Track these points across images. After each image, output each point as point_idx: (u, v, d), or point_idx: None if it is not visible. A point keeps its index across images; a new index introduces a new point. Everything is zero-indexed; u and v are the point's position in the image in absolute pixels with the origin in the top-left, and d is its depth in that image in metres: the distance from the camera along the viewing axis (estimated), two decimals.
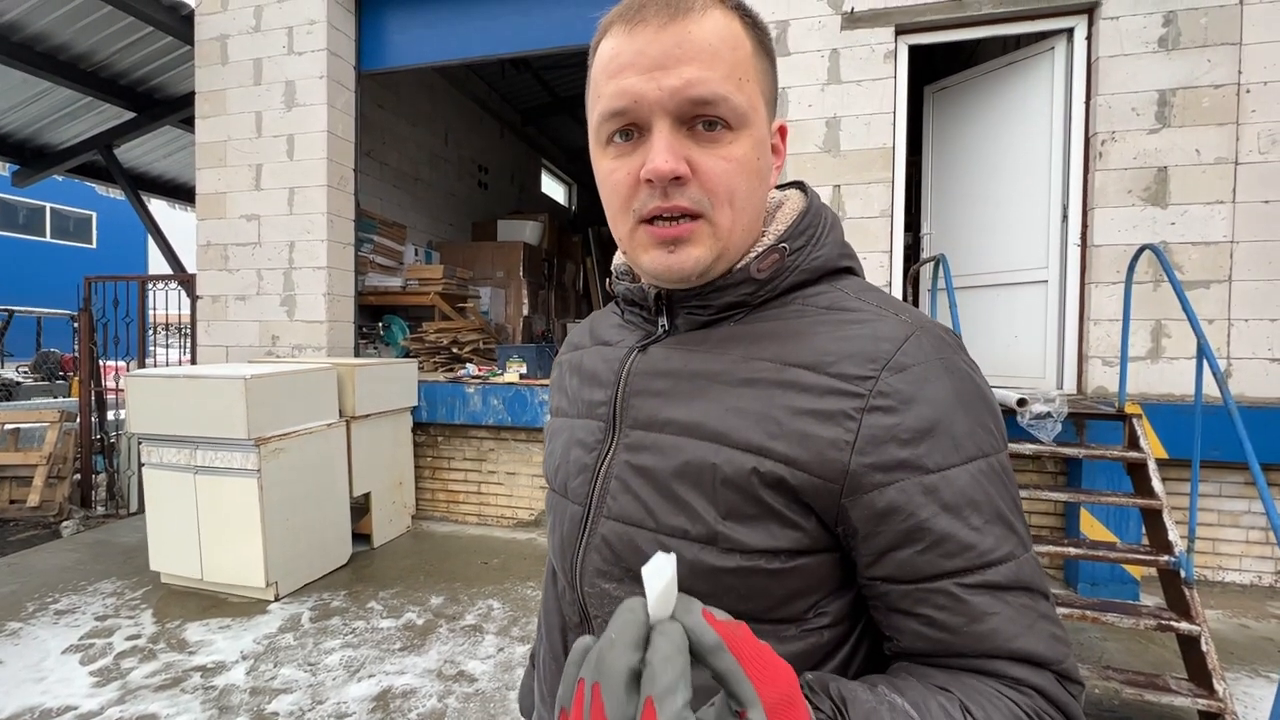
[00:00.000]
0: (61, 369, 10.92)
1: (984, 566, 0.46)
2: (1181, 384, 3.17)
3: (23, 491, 4.55)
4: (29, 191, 12.18)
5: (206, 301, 4.64)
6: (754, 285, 0.56)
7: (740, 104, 0.50)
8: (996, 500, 0.48)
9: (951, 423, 0.48)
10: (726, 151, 0.51)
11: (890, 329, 0.51)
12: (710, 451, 0.51)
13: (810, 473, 0.48)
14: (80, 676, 2.44)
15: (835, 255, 0.58)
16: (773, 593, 0.50)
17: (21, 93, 5.54)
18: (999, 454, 0.50)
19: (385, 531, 3.95)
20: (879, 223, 3.57)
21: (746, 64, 0.51)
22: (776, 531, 0.49)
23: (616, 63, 0.51)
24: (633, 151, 0.52)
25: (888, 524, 0.47)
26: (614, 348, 0.63)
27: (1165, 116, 3.19)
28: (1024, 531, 0.49)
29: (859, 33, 3.56)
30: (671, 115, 0.50)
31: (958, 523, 0.46)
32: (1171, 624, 2.17)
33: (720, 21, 0.50)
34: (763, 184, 0.55)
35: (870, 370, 0.49)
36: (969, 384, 0.50)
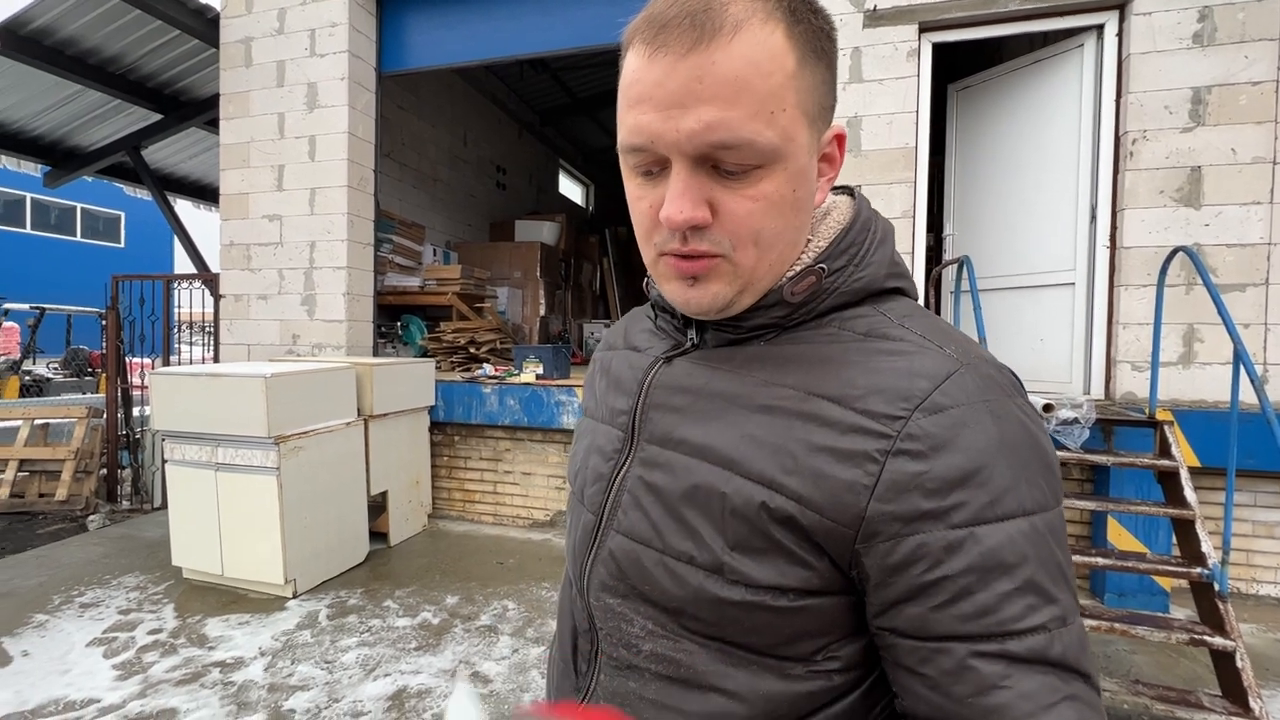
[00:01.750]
0: (90, 366, 11.17)
1: (1004, 636, 0.41)
2: (1214, 390, 3.08)
3: (51, 485, 4.65)
4: (60, 192, 12.47)
5: (229, 300, 4.71)
6: (787, 309, 0.52)
7: (769, 142, 0.44)
8: (1033, 565, 0.42)
9: (989, 475, 0.42)
10: (754, 190, 0.46)
11: (931, 364, 0.46)
12: (721, 478, 0.49)
13: (822, 514, 0.45)
14: (103, 670, 2.48)
15: (881, 276, 0.53)
16: (779, 630, 0.47)
17: (53, 95, 5.67)
18: (1046, 513, 0.44)
19: (402, 530, 3.97)
20: (901, 224, 3.51)
21: (785, 89, 0.45)
22: (785, 568, 0.46)
23: (634, 91, 0.46)
24: (655, 185, 0.48)
25: (902, 576, 0.43)
26: (642, 355, 0.61)
27: (1199, 115, 3.09)
28: (1067, 601, 0.43)
29: (881, 30, 3.51)
30: (690, 157, 0.45)
31: (980, 585, 0.42)
32: (1204, 638, 2.11)
33: (754, 41, 0.43)
34: (798, 214, 0.50)
35: (901, 409, 0.44)
36: (1018, 432, 0.45)
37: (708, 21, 0.43)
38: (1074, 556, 2.36)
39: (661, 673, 0.52)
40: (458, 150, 7.00)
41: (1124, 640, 2.70)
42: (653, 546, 0.52)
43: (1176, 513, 2.38)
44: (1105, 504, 2.55)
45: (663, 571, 0.51)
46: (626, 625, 0.54)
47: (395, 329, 5.25)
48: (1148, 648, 2.68)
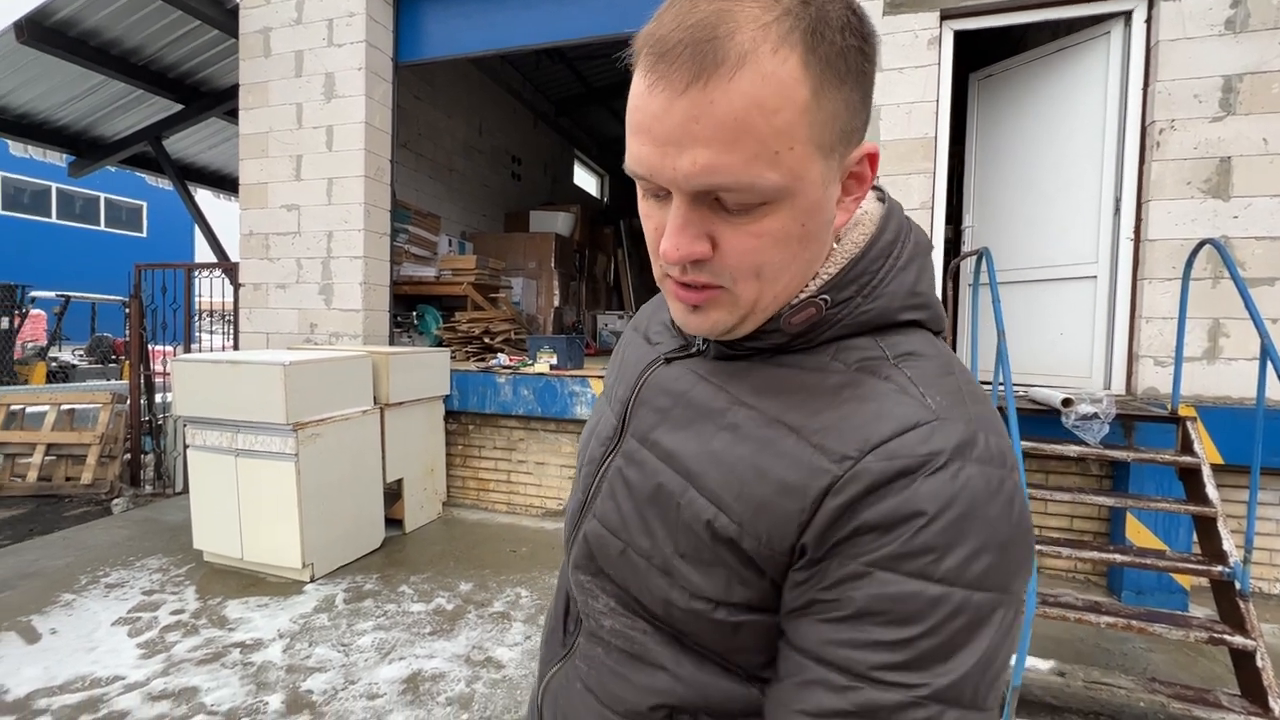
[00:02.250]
0: (114, 353, 11.38)
1: (858, 678, 0.40)
2: (1240, 386, 3.02)
3: (77, 469, 4.76)
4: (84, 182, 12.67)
5: (248, 289, 4.77)
6: (785, 337, 0.50)
7: (771, 184, 0.41)
8: (925, 636, 0.39)
9: (920, 530, 0.40)
10: (758, 226, 0.44)
11: (903, 412, 0.43)
12: (679, 487, 0.50)
13: (759, 542, 0.45)
14: (128, 648, 2.55)
15: (895, 309, 0.50)
16: (723, 638, 0.49)
17: (77, 86, 5.76)
18: (976, 592, 0.40)
19: (417, 517, 4.02)
20: (919, 215, 3.46)
21: (793, 126, 0.41)
22: (727, 583, 0.47)
23: (634, 118, 0.44)
24: (662, 207, 0.46)
25: (801, 589, 0.44)
26: (651, 349, 0.62)
27: (1230, 104, 3.01)
28: (946, 688, 0.39)
29: (901, 18, 3.45)
30: (688, 193, 0.43)
31: (857, 622, 0.41)
32: (1224, 637, 2.07)
33: (759, 76, 0.39)
34: (807, 247, 0.47)
35: (855, 451, 0.43)
36: (974, 501, 0.40)
37: (710, 53, 0.39)
38: (1091, 553, 2.33)
39: (619, 646, 0.55)
40: (473, 140, 7.01)
41: (1141, 638, 2.67)
42: (619, 536, 0.54)
43: (1198, 510, 2.34)
44: (1124, 500, 2.52)
45: (624, 560, 0.54)
46: (593, 600, 0.58)
47: (411, 319, 5.29)
48: (1165, 646, 2.65)
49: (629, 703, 0.54)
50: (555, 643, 0.65)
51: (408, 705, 2.22)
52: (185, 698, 2.23)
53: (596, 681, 0.57)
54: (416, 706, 2.21)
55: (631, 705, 0.54)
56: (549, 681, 0.64)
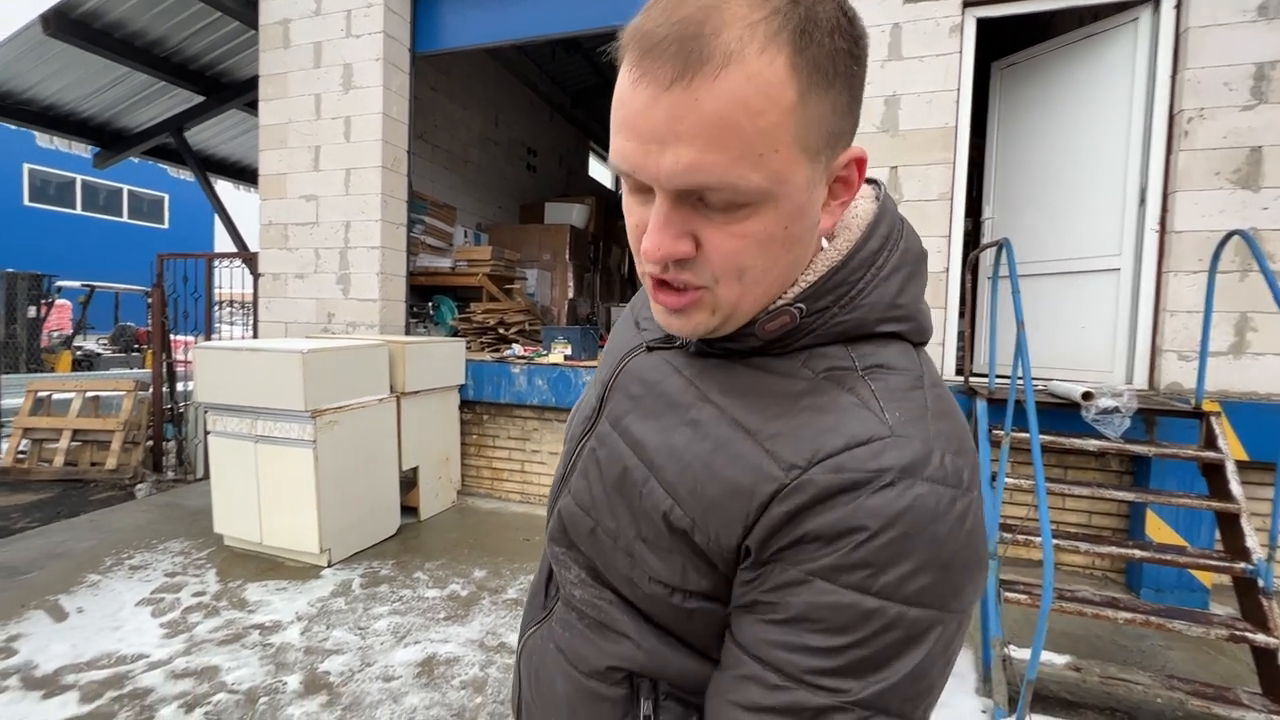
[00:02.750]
0: (137, 341, 11.59)
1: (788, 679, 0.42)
2: (1268, 382, 2.95)
3: (102, 455, 4.87)
4: (108, 174, 12.84)
5: (267, 279, 4.83)
6: (759, 341, 0.50)
7: (754, 186, 0.41)
8: (854, 645, 0.40)
9: (859, 544, 0.40)
10: (740, 228, 0.43)
11: (858, 426, 0.43)
12: (641, 476, 0.51)
13: (709, 538, 0.47)
14: (151, 628, 2.61)
15: (872, 320, 0.49)
16: (680, 620, 0.51)
17: (101, 78, 5.84)
18: (912, 608, 0.40)
19: (432, 505, 4.06)
20: (938, 206, 3.42)
21: (778, 128, 0.40)
22: (683, 570, 0.49)
23: (619, 114, 0.44)
24: (645, 204, 0.46)
25: (747, 587, 0.45)
26: (639, 333, 0.63)
27: (1262, 92, 2.94)
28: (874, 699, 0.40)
29: (923, 5, 3.40)
30: (670, 192, 0.43)
31: (793, 628, 0.42)
32: (1246, 635, 2.04)
33: (745, 76, 0.38)
34: (790, 250, 0.46)
35: (803, 460, 0.43)
36: (923, 520, 0.40)
37: (695, 50, 0.38)
38: (1110, 549, 2.30)
39: (589, 614, 0.58)
40: (489, 132, 7.02)
41: (1159, 635, 2.64)
42: (590, 515, 0.56)
43: (1220, 506, 2.30)
44: (1144, 495, 2.48)
45: (592, 537, 0.56)
46: (566, 571, 0.61)
47: (427, 309, 5.33)
48: (1184, 644, 2.61)
49: (593, 664, 0.57)
50: (536, 606, 0.68)
51: (422, 688, 2.25)
52: (207, 676, 2.28)
53: (567, 643, 0.60)
54: (431, 689, 2.24)
55: (595, 666, 0.57)
56: (527, 640, 0.67)
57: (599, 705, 0.56)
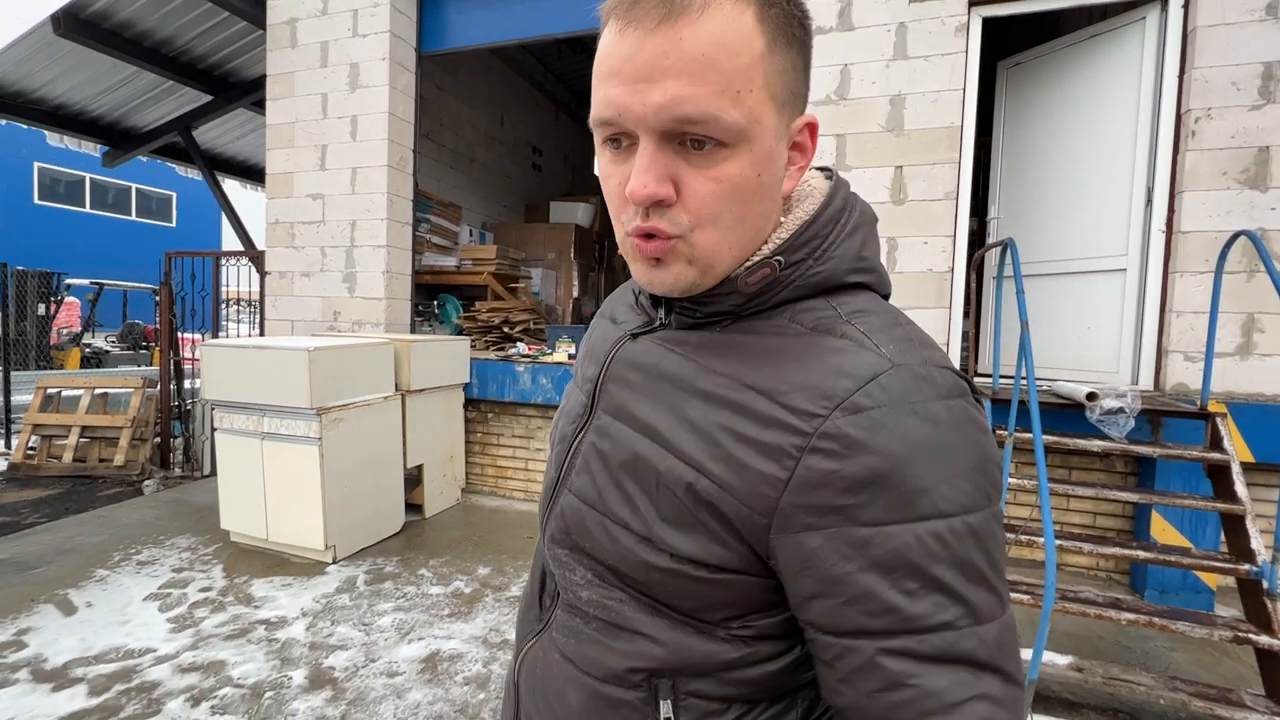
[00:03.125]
0: (145, 339, 11.68)
1: (909, 632, 0.42)
2: (1274, 383, 2.94)
3: (110, 451, 4.91)
4: (116, 173, 12.94)
5: (274, 277, 4.86)
6: (742, 298, 0.52)
7: (734, 121, 0.44)
8: (943, 566, 0.42)
9: (902, 476, 0.42)
10: (718, 171, 0.46)
11: (860, 363, 0.46)
12: (656, 456, 0.51)
13: (741, 501, 0.47)
14: (159, 622, 2.63)
15: (843, 270, 0.53)
16: (699, 595, 0.51)
17: (111, 77, 5.89)
18: (967, 515, 0.43)
19: (436, 503, 4.09)
20: (943, 206, 3.41)
21: (752, 70, 0.45)
22: (707, 545, 0.49)
23: (605, 65, 0.47)
24: (625, 161, 0.49)
25: (811, 570, 0.45)
26: (616, 327, 0.64)
27: (1270, 91, 2.92)
28: (982, 601, 0.43)
29: (929, 5, 3.39)
30: (656, 132, 0.45)
31: (884, 583, 0.42)
32: (1249, 636, 2.03)
33: (723, 20, 0.43)
34: (762, 201, 0.50)
35: (821, 408, 0.45)
36: (944, 434, 0.44)
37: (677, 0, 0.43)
38: (1114, 549, 2.30)
39: (597, 616, 0.57)
40: (494, 131, 7.04)
41: (1163, 637, 2.63)
42: (595, 509, 0.55)
43: (1226, 507, 2.29)
44: (1149, 496, 2.47)
45: (601, 531, 0.55)
46: (570, 574, 0.59)
47: (432, 307, 5.36)
48: (1188, 645, 2.60)
49: (608, 667, 0.55)
50: (531, 619, 0.67)
51: (426, 684, 2.26)
52: (214, 670, 2.30)
53: (575, 650, 0.58)
54: (435, 685, 2.26)
55: (610, 669, 0.55)
56: (525, 656, 0.65)
57: (617, 711, 0.55)
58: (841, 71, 3.54)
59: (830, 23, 3.55)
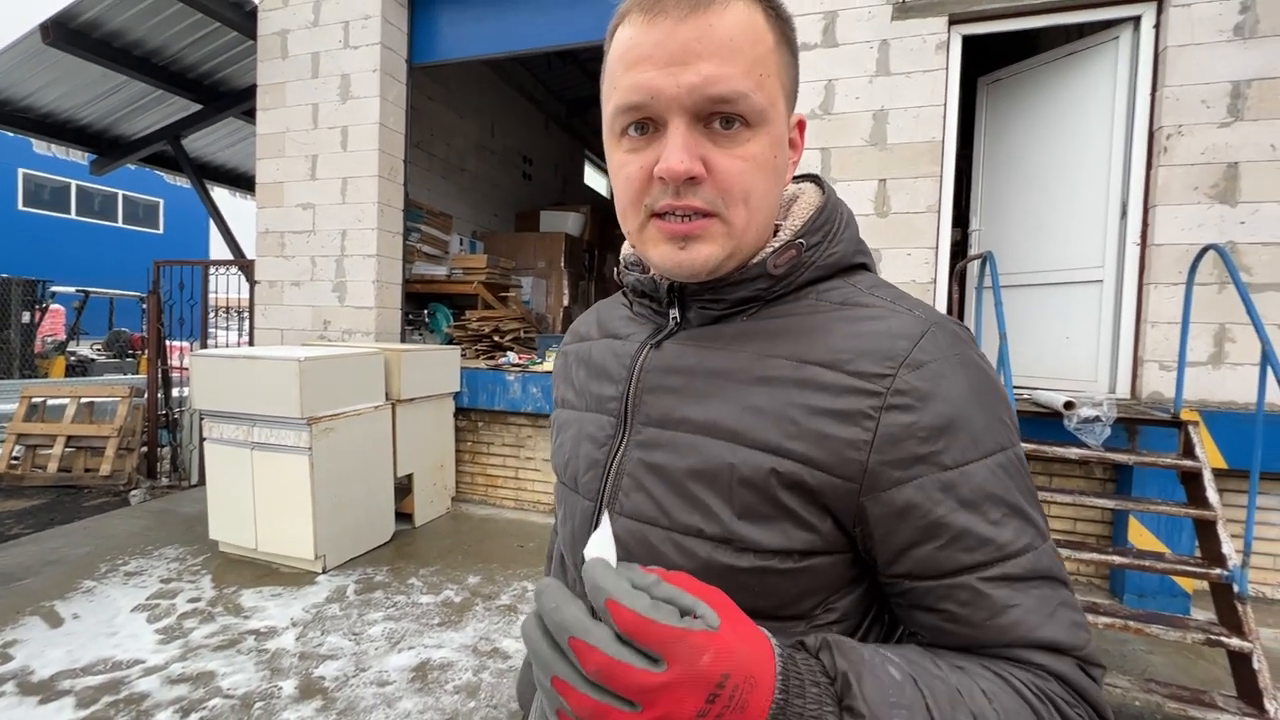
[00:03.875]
0: (131, 347, 11.56)
1: (1003, 559, 0.47)
2: (1244, 392, 3.02)
3: (96, 461, 4.87)
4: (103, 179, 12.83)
5: (264, 286, 4.86)
6: (770, 280, 0.55)
7: (759, 102, 0.49)
8: (1014, 493, 0.48)
9: (969, 419, 0.48)
10: (744, 150, 0.50)
11: (905, 325, 0.51)
12: (727, 451, 0.51)
13: (829, 473, 0.48)
14: (147, 633, 2.63)
15: (851, 251, 0.58)
16: (784, 591, 0.51)
17: (100, 86, 5.88)
18: (1015, 447, 0.50)
19: (426, 512, 4.09)
20: (925, 218, 3.49)
21: (768, 59, 0.50)
22: (791, 532, 0.50)
23: (634, 54, 0.50)
24: (647, 146, 0.51)
25: (907, 521, 0.47)
26: (625, 341, 0.63)
27: (1238, 109, 3.02)
28: (1041, 522, 0.49)
29: (910, 23, 3.48)
30: (689, 112, 0.49)
31: (976, 517, 0.47)
32: (1221, 639, 2.10)
33: (743, 13, 0.49)
34: (779, 181, 0.54)
35: (888, 368, 0.49)
36: (984, 378, 0.50)
37: None
38: (1094, 555, 2.37)
39: None
40: (485, 141, 7.08)
41: (1141, 640, 2.69)
42: (659, 525, 0.54)
43: (1198, 513, 2.36)
44: (1125, 503, 2.54)
45: (671, 547, 0.53)
46: None
47: (422, 316, 5.37)
48: (1164, 648, 2.66)
49: None
50: None
51: (416, 693, 2.28)
52: (203, 681, 2.30)
53: None
54: (425, 694, 2.27)
55: None
56: None
57: None
58: (826, 87, 3.61)
59: (815, 39, 3.63)
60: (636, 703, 0.35)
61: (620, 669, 0.35)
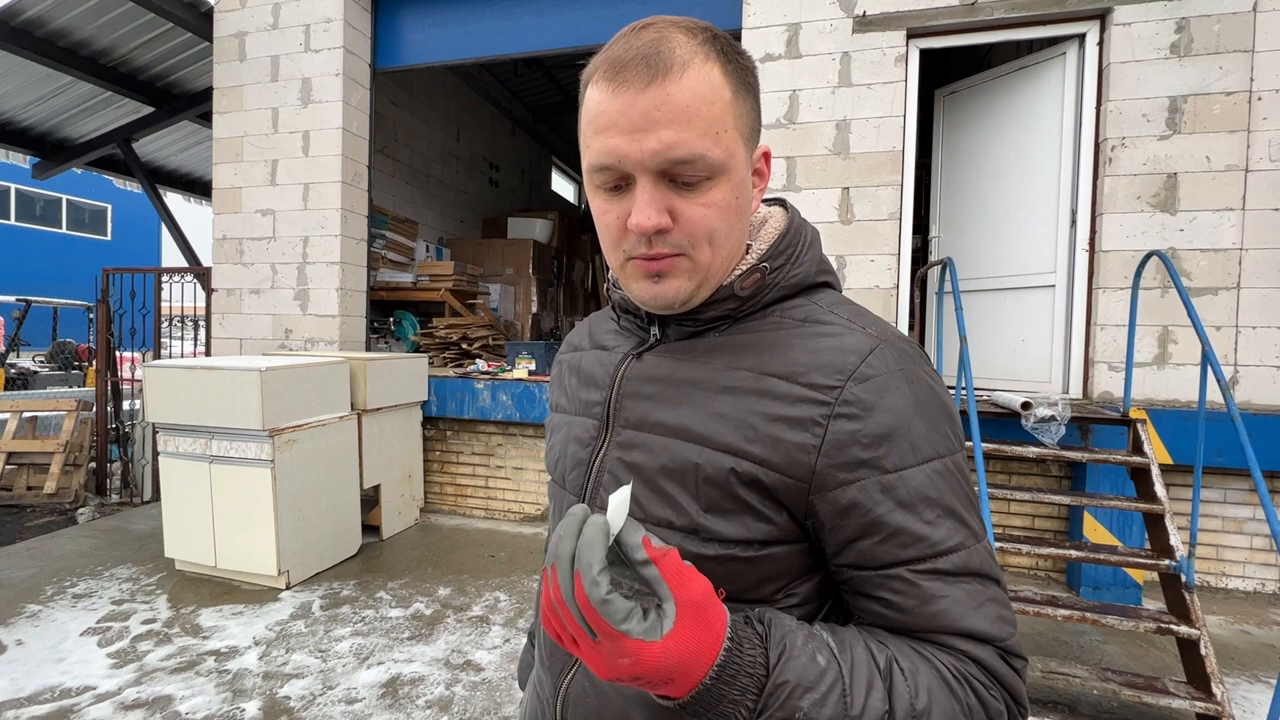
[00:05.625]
0: (77, 359, 11.06)
1: (935, 555, 0.51)
2: (1188, 390, 3.18)
3: (40, 478, 4.64)
4: (46, 184, 12.28)
5: (221, 294, 4.72)
6: (738, 301, 0.60)
7: (717, 157, 0.53)
8: (949, 497, 0.53)
9: (909, 428, 0.52)
10: (706, 198, 0.54)
11: (856, 342, 0.56)
12: (694, 452, 0.57)
13: (782, 473, 0.53)
14: (98, 658, 2.51)
15: (813, 272, 0.63)
16: (747, 577, 0.56)
17: (43, 87, 5.64)
18: (954, 455, 0.54)
19: (394, 524, 4.01)
20: (887, 225, 3.59)
21: (724, 114, 0.54)
22: (751, 524, 0.55)
23: (600, 120, 0.54)
24: (621, 199, 0.56)
25: (849, 518, 0.52)
26: (610, 353, 0.69)
27: (1176, 123, 3.19)
28: (975, 524, 0.54)
29: (870, 36, 3.58)
30: (652, 172, 0.53)
31: (911, 517, 0.51)
32: (1170, 627, 2.19)
33: (698, 77, 0.52)
34: (742, 218, 0.58)
35: (837, 380, 0.53)
36: (927, 393, 0.55)
37: (659, 62, 0.52)
38: (1050, 550, 2.45)
39: None
40: (450, 147, 7.01)
41: (1097, 631, 2.80)
42: (634, 517, 0.56)
43: (1147, 507, 2.47)
44: (1080, 499, 2.64)
45: None
46: None
47: (388, 324, 5.28)
48: (1119, 638, 2.77)
49: None
50: (563, 651, 0.65)
51: (387, 709, 2.23)
52: (159, 706, 2.21)
53: None
54: (396, 710, 2.22)
55: None
56: (568, 689, 0.64)
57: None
58: (790, 97, 3.69)
59: (779, 50, 3.70)
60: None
61: (566, 613, 0.43)
